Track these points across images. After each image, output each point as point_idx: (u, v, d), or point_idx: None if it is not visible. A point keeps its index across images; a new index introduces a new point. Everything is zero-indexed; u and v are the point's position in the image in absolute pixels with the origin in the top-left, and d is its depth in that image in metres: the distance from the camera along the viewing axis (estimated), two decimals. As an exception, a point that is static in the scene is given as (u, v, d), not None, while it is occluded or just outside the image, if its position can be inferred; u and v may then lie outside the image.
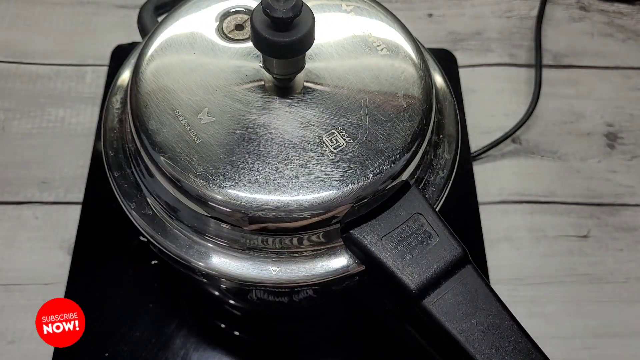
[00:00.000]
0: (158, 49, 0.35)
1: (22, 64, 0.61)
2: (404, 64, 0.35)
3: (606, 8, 0.67)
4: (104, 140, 0.38)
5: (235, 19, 0.37)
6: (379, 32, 0.36)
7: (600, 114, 0.60)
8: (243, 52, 0.35)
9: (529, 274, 0.52)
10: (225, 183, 0.31)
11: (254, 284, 0.34)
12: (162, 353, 0.47)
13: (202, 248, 0.34)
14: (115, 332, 0.48)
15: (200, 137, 0.32)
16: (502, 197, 0.55)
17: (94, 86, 0.60)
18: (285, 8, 0.29)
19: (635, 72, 0.63)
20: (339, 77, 0.35)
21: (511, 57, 0.63)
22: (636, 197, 0.56)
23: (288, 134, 0.33)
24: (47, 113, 0.58)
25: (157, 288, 0.50)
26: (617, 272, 0.52)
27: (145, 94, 0.34)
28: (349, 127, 0.33)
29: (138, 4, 0.46)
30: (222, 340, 0.49)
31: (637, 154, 0.58)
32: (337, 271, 0.34)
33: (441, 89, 0.40)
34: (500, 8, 0.67)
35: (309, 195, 0.31)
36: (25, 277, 0.50)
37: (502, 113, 0.60)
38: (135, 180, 0.36)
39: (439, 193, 0.36)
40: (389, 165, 0.32)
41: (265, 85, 0.34)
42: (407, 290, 0.31)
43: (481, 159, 0.57)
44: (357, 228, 0.33)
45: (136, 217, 0.35)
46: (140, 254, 0.51)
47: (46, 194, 0.54)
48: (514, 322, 0.31)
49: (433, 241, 0.32)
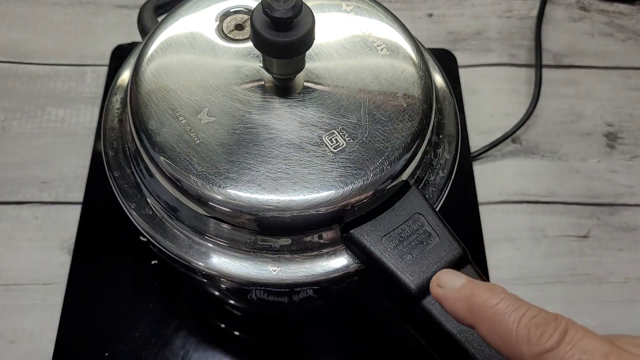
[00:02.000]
0: (158, 49, 0.35)
1: (22, 64, 0.61)
2: (404, 64, 0.35)
3: (606, 8, 0.67)
4: (104, 140, 0.38)
5: (235, 19, 0.37)
6: (379, 32, 0.36)
7: (600, 114, 0.60)
8: (243, 52, 0.35)
9: (529, 274, 0.52)
10: (225, 183, 0.31)
11: (254, 284, 0.34)
12: (162, 353, 0.47)
13: (202, 248, 0.34)
14: (115, 332, 0.48)
15: (200, 137, 0.32)
16: (502, 197, 0.55)
17: (94, 86, 0.60)
18: (285, 8, 0.29)
19: (635, 72, 0.63)
20: (338, 77, 0.35)
21: (511, 57, 0.63)
22: (636, 197, 0.55)
23: (288, 134, 0.33)
24: (47, 113, 0.58)
25: (157, 288, 0.50)
26: (617, 272, 0.52)
27: (145, 94, 0.34)
28: (349, 127, 0.33)
29: (138, 4, 0.46)
30: (222, 340, 0.49)
31: (637, 154, 0.58)
32: (337, 271, 0.34)
33: (441, 89, 0.40)
34: (500, 8, 0.67)
35: (309, 195, 0.31)
36: (25, 277, 0.50)
37: (502, 113, 0.60)
38: (135, 180, 0.36)
39: (439, 193, 0.36)
40: (389, 165, 0.32)
41: (265, 85, 0.34)
42: (407, 290, 0.31)
43: (481, 159, 0.57)
44: (357, 228, 0.33)
45: (136, 217, 0.35)
46: (140, 254, 0.51)
47: (46, 194, 0.54)
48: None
49: (433, 241, 0.32)
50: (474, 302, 0.26)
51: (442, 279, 0.28)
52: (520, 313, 0.24)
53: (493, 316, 0.25)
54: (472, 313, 0.26)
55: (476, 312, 0.25)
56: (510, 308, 0.25)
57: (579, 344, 0.23)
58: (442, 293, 0.27)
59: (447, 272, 0.29)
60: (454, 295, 0.27)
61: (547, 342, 0.23)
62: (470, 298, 0.26)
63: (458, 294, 0.27)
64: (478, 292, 0.26)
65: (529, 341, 0.23)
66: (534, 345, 0.23)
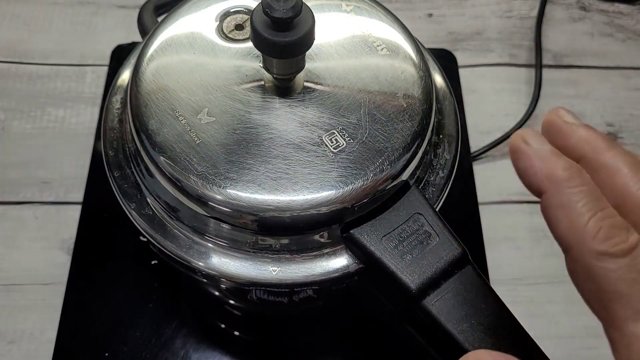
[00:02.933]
0: (158, 49, 0.35)
1: (22, 64, 0.61)
2: (404, 64, 0.35)
3: (606, 8, 0.67)
4: (104, 140, 0.38)
5: (235, 19, 0.37)
6: (379, 32, 0.36)
7: (600, 114, 0.60)
8: (243, 52, 0.35)
9: (529, 274, 0.52)
10: (225, 183, 0.31)
11: (254, 284, 0.34)
12: (162, 353, 0.47)
13: (202, 248, 0.34)
14: (115, 332, 0.48)
15: (200, 137, 0.32)
16: (502, 197, 0.55)
17: (94, 86, 0.60)
18: (285, 8, 0.29)
19: (635, 72, 0.63)
20: (338, 77, 0.35)
21: (511, 57, 0.63)
22: (636, 197, 0.55)
23: (288, 134, 0.33)
24: (47, 113, 0.58)
25: (157, 288, 0.50)
26: (617, 272, 0.52)
27: (145, 94, 0.34)
28: (349, 127, 0.33)
29: (138, 4, 0.46)
30: (222, 340, 0.49)
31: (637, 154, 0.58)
32: (337, 271, 0.34)
33: (441, 89, 0.40)
34: (500, 8, 0.67)
35: (309, 195, 0.31)
36: (25, 277, 0.50)
37: (502, 113, 0.60)
38: (135, 180, 0.36)
39: (439, 193, 0.36)
40: (389, 165, 0.32)
41: (265, 85, 0.34)
42: (407, 290, 0.31)
43: (481, 159, 0.57)
44: (357, 228, 0.33)
45: (136, 217, 0.35)
46: (140, 254, 0.51)
47: (46, 194, 0.54)
48: (514, 322, 0.31)
49: (433, 241, 0.32)
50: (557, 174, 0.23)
51: (527, 135, 0.25)
52: (599, 207, 0.23)
53: (570, 196, 0.23)
54: (550, 182, 0.24)
55: (556, 182, 0.23)
56: (589, 197, 0.23)
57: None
58: (526, 149, 0.24)
59: (532, 132, 0.25)
60: (540, 154, 0.24)
61: (614, 248, 0.22)
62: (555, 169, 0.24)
63: (547, 152, 0.24)
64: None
65: (597, 237, 0.22)
66: (599, 243, 0.22)
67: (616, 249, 0.22)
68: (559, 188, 0.23)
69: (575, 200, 0.23)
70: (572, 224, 0.23)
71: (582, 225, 0.22)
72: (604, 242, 0.22)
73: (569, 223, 0.23)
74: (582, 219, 0.23)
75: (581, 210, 0.23)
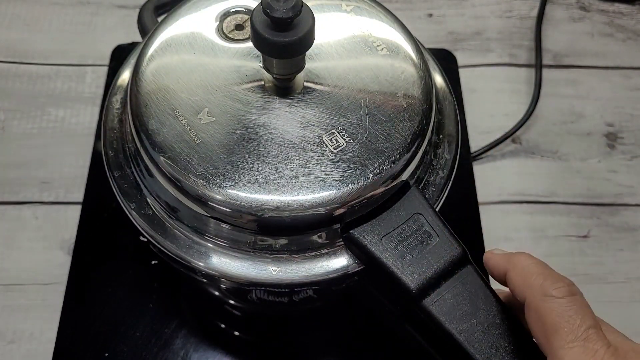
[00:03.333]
0: (158, 49, 0.35)
1: (22, 64, 0.61)
2: (404, 64, 0.35)
3: (606, 8, 0.67)
4: (104, 140, 0.38)
5: (235, 19, 0.37)
6: (379, 32, 0.36)
7: (600, 114, 0.60)
8: (243, 52, 0.35)
9: (529, 274, 0.52)
10: (225, 183, 0.31)
11: (253, 284, 0.34)
12: (162, 353, 0.47)
13: (202, 248, 0.34)
14: (115, 332, 0.48)
15: (200, 137, 0.32)
16: (502, 197, 0.55)
17: (94, 86, 0.60)
18: (285, 8, 0.29)
19: (635, 72, 0.63)
20: (338, 77, 0.35)
21: (511, 57, 0.63)
22: (636, 197, 0.55)
23: (288, 134, 0.33)
24: (47, 113, 0.58)
25: (157, 288, 0.50)
26: (617, 272, 0.52)
27: (145, 94, 0.34)
28: (349, 127, 0.33)
29: (138, 4, 0.46)
30: (222, 340, 0.49)
31: (637, 154, 0.58)
32: (337, 271, 0.34)
33: (441, 89, 0.40)
34: (500, 8, 0.67)
35: (309, 195, 0.31)
36: (25, 277, 0.50)
37: (502, 113, 0.60)
38: (135, 180, 0.36)
39: (439, 193, 0.36)
40: (389, 165, 0.32)
41: (265, 85, 0.34)
42: (407, 290, 0.31)
43: (481, 159, 0.57)
44: (357, 228, 0.33)
45: (136, 217, 0.35)
46: (140, 254, 0.51)
47: (46, 194, 0.54)
48: (514, 322, 0.31)
49: (433, 241, 0.32)
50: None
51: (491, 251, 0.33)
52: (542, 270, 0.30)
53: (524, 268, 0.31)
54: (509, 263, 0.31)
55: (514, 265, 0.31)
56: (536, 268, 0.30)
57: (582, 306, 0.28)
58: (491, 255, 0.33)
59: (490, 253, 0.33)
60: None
61: (555, 291, 0.28)
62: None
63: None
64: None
65: (543, 285, 0.29)
66: (545, 288, 0.28)
67: (557, 292, 0.28)
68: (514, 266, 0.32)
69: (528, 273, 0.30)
70: (526, 280, 0.30)
71: (533, 280, 0.29)
72: (549, 288, 0.28)
73: (522, 280, 0.30)
74: (534, 276, 0.30)
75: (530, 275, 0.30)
